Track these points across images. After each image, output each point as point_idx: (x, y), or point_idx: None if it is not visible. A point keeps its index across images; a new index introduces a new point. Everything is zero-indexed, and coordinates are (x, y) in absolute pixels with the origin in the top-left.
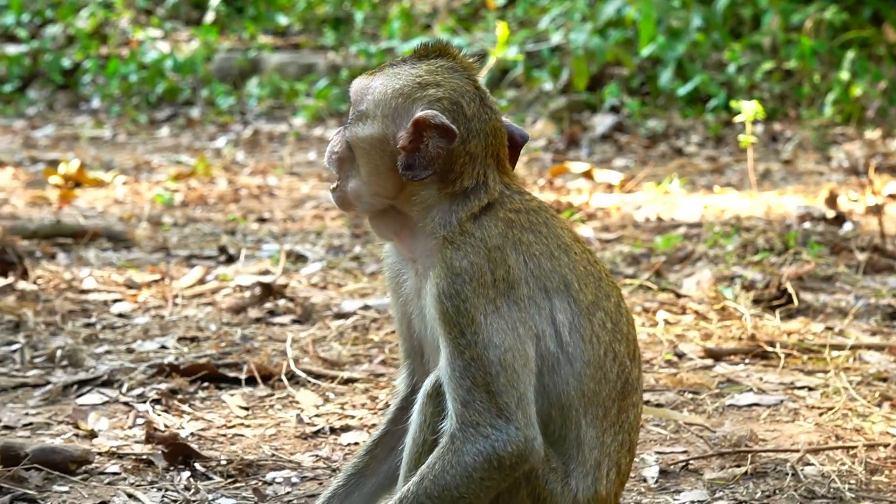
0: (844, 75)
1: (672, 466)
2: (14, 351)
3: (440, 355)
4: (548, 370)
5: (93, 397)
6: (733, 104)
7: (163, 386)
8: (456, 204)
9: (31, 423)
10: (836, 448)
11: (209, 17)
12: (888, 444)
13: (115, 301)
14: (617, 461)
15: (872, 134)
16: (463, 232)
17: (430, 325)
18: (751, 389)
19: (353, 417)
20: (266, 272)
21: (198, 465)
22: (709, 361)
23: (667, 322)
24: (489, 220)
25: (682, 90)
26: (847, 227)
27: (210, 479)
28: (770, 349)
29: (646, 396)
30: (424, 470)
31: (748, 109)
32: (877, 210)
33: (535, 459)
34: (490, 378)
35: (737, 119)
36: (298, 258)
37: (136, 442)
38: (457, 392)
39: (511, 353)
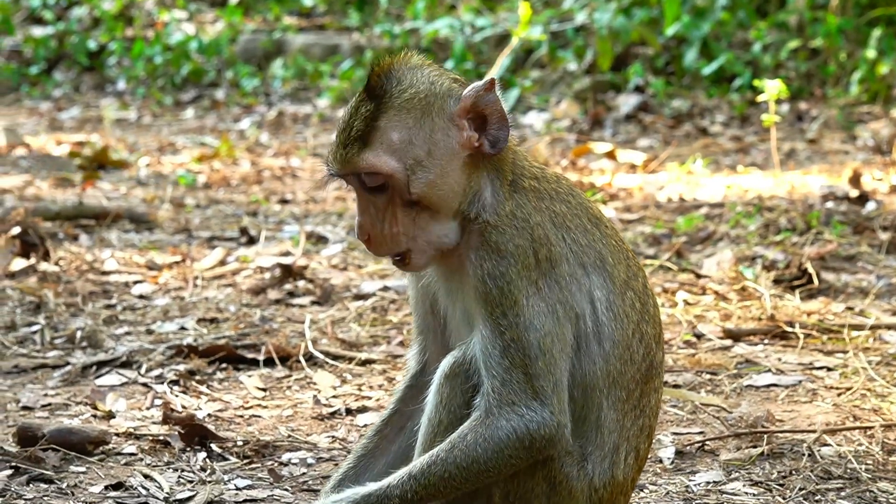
0: (871, 53)
1: (688, 447)
2: (34, 332)
3: (475, 333)
4: (577, 348)
5: (111, 378)
6: (758, 83)
7: (181, 367)
8: (493, 177)
9: (49, 404)
10: (853, 428)
11: None
12: None
13: (136, 282)
14: (636, 446)
15: None
16: (504, 214)
17: (460, 304)
18: (769, 370)
19: (369, 399)
20: (286, 253)
21: (214, 446)
22: (728, 342)
23: (686, 302)
24: (520, 195)
25: (707, 69)
26: (870, 206)
27: (226, 459)
28: (789, 329)
29: (664, 377)
30: (455, 439)
31: (772, 88)
32: None
33: (562, 446)
34: (529, 361)
35: (761, 98)
36: (319, 239)
37: (154, 423)
38: (495, 370)
39: (550, 337)
